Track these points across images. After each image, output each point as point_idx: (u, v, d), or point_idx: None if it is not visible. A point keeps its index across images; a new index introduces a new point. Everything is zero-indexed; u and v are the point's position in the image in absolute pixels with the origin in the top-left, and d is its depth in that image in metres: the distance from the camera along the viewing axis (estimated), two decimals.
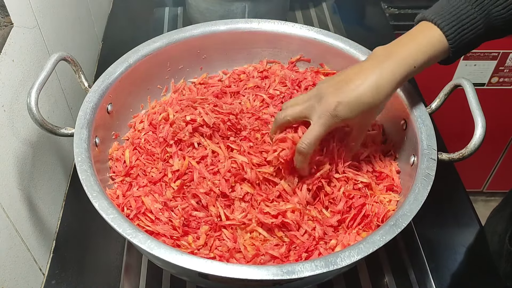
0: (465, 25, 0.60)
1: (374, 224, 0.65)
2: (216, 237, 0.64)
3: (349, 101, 0.60)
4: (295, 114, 0.64)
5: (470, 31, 0.60)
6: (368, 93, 0.59)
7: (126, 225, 0.55)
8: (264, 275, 0.51)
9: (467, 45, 0.62)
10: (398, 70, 0.60)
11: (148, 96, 0.82)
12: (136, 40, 0.81)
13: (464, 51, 0.63)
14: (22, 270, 0.68)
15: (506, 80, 1.61)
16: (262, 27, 0.83)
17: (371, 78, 0.60)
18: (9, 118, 0.67)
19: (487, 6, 0.60)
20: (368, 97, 0.60)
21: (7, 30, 0.68)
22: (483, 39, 0.62)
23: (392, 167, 0.71)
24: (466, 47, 0.62)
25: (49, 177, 0.80)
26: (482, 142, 0.62)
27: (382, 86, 0.60)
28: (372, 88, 0.59)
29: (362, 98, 0.60)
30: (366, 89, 0.60)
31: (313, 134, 0.61)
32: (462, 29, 0.60)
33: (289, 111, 0.64)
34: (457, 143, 0.90)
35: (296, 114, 0.64)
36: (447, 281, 0.75)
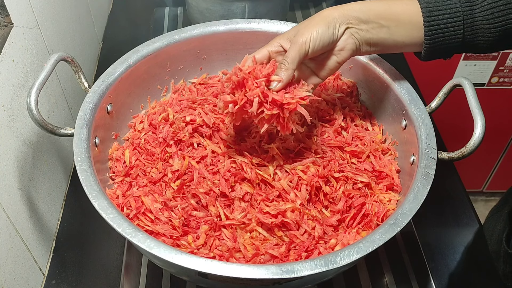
0: (444, 10, 0.61)
1: (374, 224, 0.65)
2: (216, 236, 0.64)
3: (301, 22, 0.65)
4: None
5: (448, 18, 0.61)
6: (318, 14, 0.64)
7: (126, 225, 0.55)
8: (264, 274, 0.51)
9: (443, 42, 0.62)
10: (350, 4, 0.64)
11: (148, 97, 0.82)
12: (136, 40, 0.82)
13: (440, 49, 0.64)
14: (22, 270, 0.69)
15: (506, 80, 1.61)
16: (262, 27, 0.83)
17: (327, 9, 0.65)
18: (9, 118, 0.67)
19: (473, 8, 0.61)
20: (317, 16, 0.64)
21: (7, 30, 0.68)
22: (461, 46, 0.63)
23: (391, 167, 0.71)
24: (442, 45, 0.63)
25: (49, 177, 0.80)
26: (481, 141, 0.62)
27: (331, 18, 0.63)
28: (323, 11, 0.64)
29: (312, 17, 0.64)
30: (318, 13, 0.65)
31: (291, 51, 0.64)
32: (441, 17, 0.61)
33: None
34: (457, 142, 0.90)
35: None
36: (447, 281, 0.75)
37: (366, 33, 0.65)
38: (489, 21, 0.61)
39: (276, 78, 0.63)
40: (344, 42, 0.65)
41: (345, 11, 0.64)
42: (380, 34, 0.65)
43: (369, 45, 0.66)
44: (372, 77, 0.77)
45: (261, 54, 0.67)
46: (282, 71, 0.63)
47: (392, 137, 0.76)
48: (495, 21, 0.61)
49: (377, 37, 0.65)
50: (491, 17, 0.61)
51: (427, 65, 0.69)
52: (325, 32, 0.63)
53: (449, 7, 0.62)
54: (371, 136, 0.76)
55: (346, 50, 0.66)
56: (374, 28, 0.64)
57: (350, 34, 0.65)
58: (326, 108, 0.78)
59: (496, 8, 0.60)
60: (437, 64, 0.65)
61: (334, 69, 0.68)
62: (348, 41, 0.65)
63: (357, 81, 0.82)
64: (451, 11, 0.61)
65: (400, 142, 0.73)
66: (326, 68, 0.68)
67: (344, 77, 0.84)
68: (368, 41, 0.65)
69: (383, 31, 0.64)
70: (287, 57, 0.63)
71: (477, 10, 0.61)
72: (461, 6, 0.61)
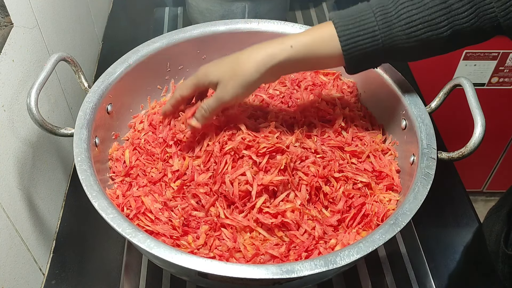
0: (361, 31, 0.61)
1: (374, 224, 0.65)
2: (216, 236, 0.64)
3: (220, 62, 0.65)
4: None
5: (366, 39, 0.61)
6: (237, 58, 0.64)
7: (126, 225, 0.55)
8: (264, 274, 0.51)
9: (363, 55, 0.62)
10: (272, 47, 0.63)
11: (148, 96, 0.82)
12: (136, 40, 0.82)
13: (361, 62, 0.64)
14: (22, 270, 0.69)
15: (506, 80, 1.61)
16: (262, 27, 0.83)
17: (249, 50, 0.64)
18: (9, 118, 0.67)
19: (391, 19, 0.60)
20: (234, 59, 0.64)
21: (7, 30, 0.68)
22: (382, 55, 0.63)
23: (392, 167, 0.71)
24: (362, 59, 0.63)
25: (49, 177, 0.80)
26: (481, 140, 0.62)
27: (249, 56, 0.63)
28: (242, 55, 0.64)
29: (229, 59, 0.65)
30: (238, 55, 0.64)
31: (183, 83, 0.69)
32: (357, 35, 0.61)
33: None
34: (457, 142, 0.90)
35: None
36: (447, 281, 0.75)
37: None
38: (409, 40, 0.61)
39: (194, 123, 0.67)
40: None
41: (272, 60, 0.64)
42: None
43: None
44: (372, 77, 0.77)
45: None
46: (200, 116, 0.67)
47: (392, 137, 0.76)
48: (415, 39, 0.61)
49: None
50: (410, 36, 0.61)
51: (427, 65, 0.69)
52: (246, 94, 0.65)
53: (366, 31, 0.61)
54: (371, 136, 0.76)
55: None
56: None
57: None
58: (326, 108, 0.78)
59: (415, 27, 0.60)
60: (437, 64, 0.65)
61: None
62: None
63: (357, 81, 0.82)
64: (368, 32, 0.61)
65: (400, 142, 0.73)
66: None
67: (344, 77, 0.84)
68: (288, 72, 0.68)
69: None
70: (207, 105, 0.66)
71: (395, 26, 0.61)
72: (376, 20, 0.61)
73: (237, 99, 0.66)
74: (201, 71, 0.67)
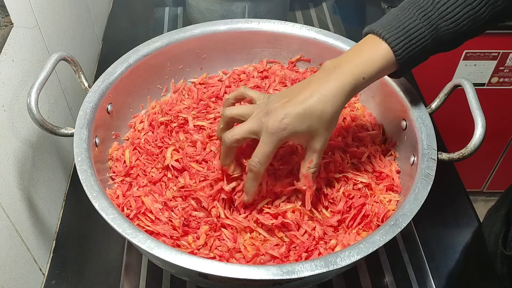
0: (413, 40, 0.60)
1: (374, 224, 0.65)
2: (216, 237, 0.64)
3: (297, 112, 0.57)
4: (244, 133, 0.59)
5: (417, 46, 0.60)
6: (317, 104, 0.57)
7: (126, 225, 0.55)
8: (264, 275, 0.51)
9: (415, 59, 0.62)
10: (346, 82, 0.58)
11: (148, 96, 0.82)
12: (136, 40, 0.81)
13: (412, 65, 0.63)
14: (22, 270, 0.69)
15: (506, 80, 1.61)
16: (262, 27, 0.83)
17: (319, 90, 0.58)
18: (9, 118, 0.67)
19: (435, 21, 0.60)
20: (316, 108, 0.57)
21: (7, 30, 0.68)
22: (430, 52, 0.63)
23: (392, 167, 0.71)
24: (413, 61, 0.62)
25: (49, 177, 0.80)
26: (482, 142, 0.62)
27: (330, 97, 0.58)
28: (320, 100, 0.57)
29: (311, 109, 0.57)
30: (315, 100, 0.57)
31: (263, 151, 0.58)
32: (410, 44, 0.60)
33: (237, 130, 0.60)
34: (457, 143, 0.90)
35: (244, 133, 0.59)
36: (447, 281, 0.75)
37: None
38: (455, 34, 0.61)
39: (311, 179, 0.62)
40: None
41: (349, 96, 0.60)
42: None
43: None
44: None
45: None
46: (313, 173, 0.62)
47: (392, 137, 0.76)
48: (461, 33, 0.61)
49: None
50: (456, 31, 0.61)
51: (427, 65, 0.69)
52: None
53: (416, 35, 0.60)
54: (371, 137, 0.76)
55: None
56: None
57: None
58: None
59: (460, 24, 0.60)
60: (437, 64, 0.65)
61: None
62: None
63: None
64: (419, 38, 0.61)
65: (400, 142, 0.73)
66: None
67: None
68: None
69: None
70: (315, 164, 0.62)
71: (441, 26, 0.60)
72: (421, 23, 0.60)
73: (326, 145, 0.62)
74: (279, 127, 0.57)
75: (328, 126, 0.59)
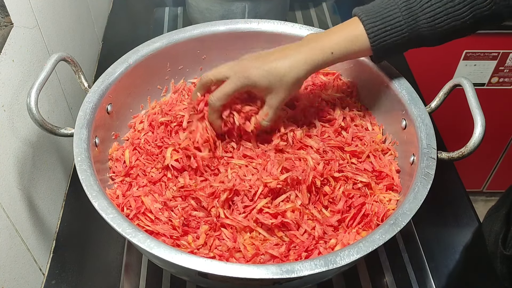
0: (388, 27, 0.64)
1: (374, 223, 0.65)
2: (215, 236, 0.64)
3: (263, 68, 0.66)
4: (217, 74, 0.69)
5: (393, 34, 0.65)
6: (282, 67, 0.66)
7: (126, 225, 0.55)
8: (264, 274, 0.51)
9: (391, 47, 0.66)
10: (315, 56, 0.66)
11: (148, 97, 0.82)
12: (136, 40, 0.82)
13: (388, 52, 0.67)
14: (22, 270, 0.69)
15: (506, 80, 1.61)
16: (262, 27, 0.83)
17: (289, 57, 0.66)
18: (9, 118, 0.67)
19: (416, 13, 0.64)
20: (280, 70, 0.65)
21: (7, 30, 0.68)
22: (408, 45, 0.67)
23: (391, 166, 0.71)
24: (389, 49, 0.66)
25: (49, 177, 0.80)
26: (481, 141, 0.62)
27: (296, 65, 0.66)
28: (286, 65, 0.66)
29: (276, 69, 0.66)
30: (281, 64, 0.66)
31: (224, 89, 0.67)
32: (384, 30, 0.65)
33: (213, 72, 0.70)
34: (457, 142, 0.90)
35: (218, 74, 0.69)
36: (447, 281, 0.75)
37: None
38: (434, 30, 0.64)
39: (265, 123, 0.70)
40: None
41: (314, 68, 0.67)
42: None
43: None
44: (372, 77, 0.77)
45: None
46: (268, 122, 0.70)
47: (392, 137, 0.76)
48: (440, 30, 0.64)
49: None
50: (434, 27, 0.64)
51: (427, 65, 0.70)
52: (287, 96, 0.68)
53: (392, 23, 0.64)
54: (371, 136, 0.76)
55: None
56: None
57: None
58: (326, 108, 0.78)
59: (439, 19, 0.63)
60: (437, 64, 0.65)
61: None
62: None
63: (357, 81, 0.82)
64: (395, 27, 0.64)
65: (400, 142, 0.73)
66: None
67: (344, 77, 0.84)
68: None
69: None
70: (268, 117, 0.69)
71: (420, 19, 0.64)
72: (401, 14, 0.64)
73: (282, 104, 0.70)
74: (242, 73, 0.67)
75: (288, 88, 0.67)
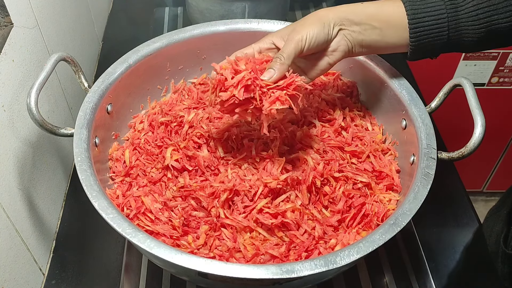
0: (428, 9, 0.62)
1: (374, 224, 0.65)
2: (215, 236, 0.64)
3: (306, 20, 0.65)
4: (275, 39, 0.66)
5: (432, 17, 0.62)
6: (324, 12, 0.65)
7: (126, 225, 0.55)
8: (264, 274, 0.51)
9: (429, 45, 0.63)
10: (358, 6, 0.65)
11: (148, 97, 0.82)
12: (136, 40, 0.82)
13: (423, 49, 0.65)
14: (22, 270, 0.69)
15: (506, 80, 1.61)
16: (262, 27, 0.83)
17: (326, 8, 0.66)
18: (9, 118, 0.67)
19: (458, 4, 0.62)
20: (322, 13, 0.65)
21: (7, 30, 0.68)
22: (447, 46, 0.64)
23: (392, 167, 0.71)
24: (428, 47, 0.64)
25: (49, 177, 0.80)
26: (481, 141, 0.62)
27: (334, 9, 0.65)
28: (325, 10, 0.65)
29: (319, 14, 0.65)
30: (323, 11, 0.65)
31: (287, 48, 0.63)
32: (423, 11, 0.62)
33: (268, 39, 0.67)
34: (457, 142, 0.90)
35: (276, 39, 0.66)
36: (447, 281, 0.75)
37: (358, 35, 0.66)
38: (474, 22, 0.62)
39: (271, 69, 0.62)
40: (337, 44, 0.66)
41: (339, 13, 0.65)
42: (372, 36, 0.65)
43: (362, 47, 0.67)
44: (372, 77, 0.77)
45: (252, 50, 0.67)
46: (277, 64, 0.62)
47: (392, 137, 0.76)
48: (480, 22, 0.62)
49: (369, 39, 0.66)
50: (476, 18, 0.61)
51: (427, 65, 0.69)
52: (320, 31, 0.64)
53: (434, 9, 0.62)
54: (371, 136, 0.76)
55: (339, 51, 0.67)
56: (366, 30, 0.65)
57: (343, 36, 0.66)
58: (326, 108, 0.78)
59: (481, 10, 0.61)
60: (437, 64, 0.65)
61: (325, 69, 0.68)
62: (341, 42, 0.66)
63: (357, 81, 0.82)
64: (435, 13, 0.62)
65: (400, 142, 0.73)
66: (316, 69, 0.68)
67: (344, 77, 0.84)
68: (360, 42, 0.66)
69: (375, 33, 0.65)
70: (283, 52, 0.63)
71: (462, 11, 0.62)
72: (445, 7, 0.62)
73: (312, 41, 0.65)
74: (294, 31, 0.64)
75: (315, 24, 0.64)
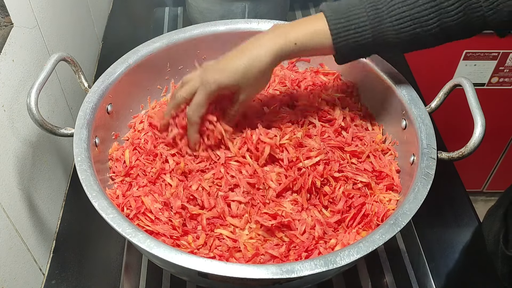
0: (352, 26, 0.63)
1: (374, 224, 0.65)
2: (215, 236, 0.64)
3: (225, 69, 0.65)
4: (188, 89, 0.68)
5: (356, 33, 0.63)
6: (242, 64, 0.65)
7: (126, 225, 0.55)
8: (264, 274, 0.51)
9: (354, 47, 0.65)
10: (278, 46, 0.65)
11: (148, 97, 0.82)
12: (136, 40, 0.82)
13: (351, 54, 0.66)
14: (22, 270, 0.69)
15: (506, 80, 1.61)
16: (262, 27, 0.83)
17: (247, 51, 0.66)
18: (9, 118, 0.67)
19: (381, 15, 0.62)
20: (239, 68, 0.65)
21: (7, 30, 0.68)
22: (372, 48, 0.66)
23: (392, 166, 0.71)
24: (352, 50, 0.65)
25: (49, 177, 0.80)
26: (481, 140, 0.62)
27: (257, 59, 0.65)
28: (245, 61, 0.65)
29: (237, 68, 0.65)
30: (240, 61, 0.65)
31: (196, 100, 0.67)
32: (347, 29, 0.63)
33: (183, 89, 0.69)
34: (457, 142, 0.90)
35: (188, 89, 0.68)
36: (447, 281, 0.75)
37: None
38: (398, 35, 0.63)
39: (227, 127, 0.70)
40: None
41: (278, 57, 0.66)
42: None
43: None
44: (372, 77, 0.77)
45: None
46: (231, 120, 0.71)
47: (392, 137, 0.76)
48: (404, 34, 0.63)
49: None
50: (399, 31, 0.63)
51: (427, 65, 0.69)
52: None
53: (358, 25, 0.63)
54: (371, 136, 0.76)
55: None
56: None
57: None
58: (326, 108, 0.78)
59: (404, 23, 0.62)
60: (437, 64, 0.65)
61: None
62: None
63: (357, 81, 0.82)
64: (358, 26, 0.63)
65: (400, 142, 0.73)
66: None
67: (344, 77, 0.84)
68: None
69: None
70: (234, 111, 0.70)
71: (385, 21, 0.63)
72: (367, 15, 0.63)
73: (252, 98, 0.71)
74: (208, 81, 0.66)
75: (253, 83, 0.67)
